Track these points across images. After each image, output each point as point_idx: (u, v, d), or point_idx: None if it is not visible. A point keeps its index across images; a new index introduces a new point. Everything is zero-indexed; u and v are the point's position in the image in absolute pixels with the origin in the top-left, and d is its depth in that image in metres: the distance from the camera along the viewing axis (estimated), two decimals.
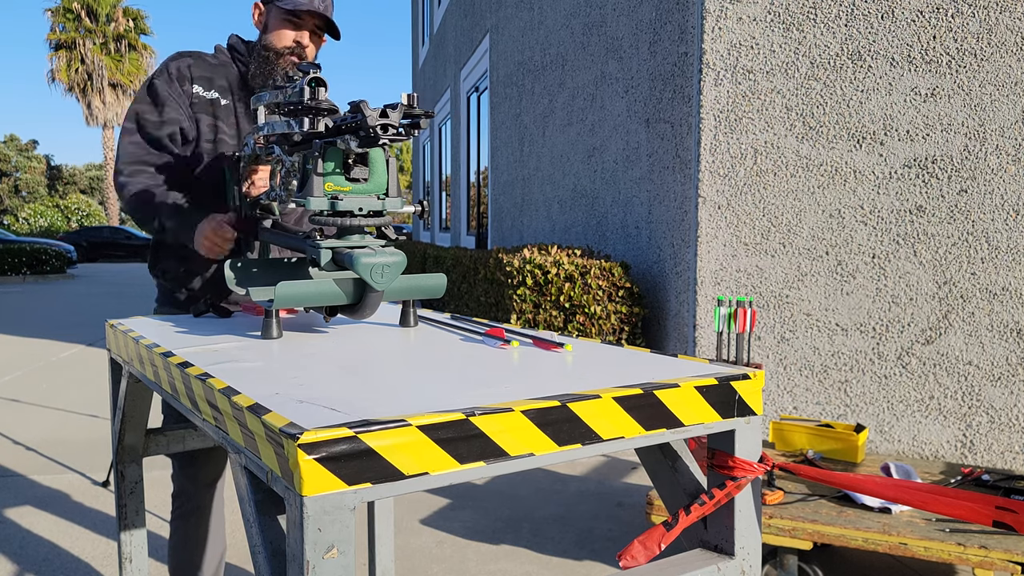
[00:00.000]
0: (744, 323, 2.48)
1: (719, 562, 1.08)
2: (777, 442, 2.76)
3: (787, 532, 2.15)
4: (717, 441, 1.10)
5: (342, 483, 0.77)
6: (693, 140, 3.70)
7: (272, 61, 1.91)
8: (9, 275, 17.35)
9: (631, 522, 3.04)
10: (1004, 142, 3.29)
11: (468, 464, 0.85)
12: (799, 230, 3.51)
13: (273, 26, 1.91)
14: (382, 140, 1.24)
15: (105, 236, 26.10)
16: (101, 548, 2.83)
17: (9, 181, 46.97)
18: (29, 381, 5.88)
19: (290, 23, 1.90)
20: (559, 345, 1.26)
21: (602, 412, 0.94)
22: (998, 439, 3.36)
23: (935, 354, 3.41)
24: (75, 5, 30.18)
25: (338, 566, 0.78)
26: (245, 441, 0.90)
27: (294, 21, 1.89)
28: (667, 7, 4.11)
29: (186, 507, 2.05)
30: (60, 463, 3.83)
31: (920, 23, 3.36)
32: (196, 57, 1.96)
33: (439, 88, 13.66)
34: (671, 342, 4.13)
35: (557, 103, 6.11)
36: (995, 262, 3.32)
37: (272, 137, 1.48)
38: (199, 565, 2.07)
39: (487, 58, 9.07)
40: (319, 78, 1.40)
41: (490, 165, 8.94)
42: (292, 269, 1.63)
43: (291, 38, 1.90)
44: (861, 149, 3.44)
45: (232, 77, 1.97)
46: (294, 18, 1.89)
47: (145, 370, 1.36)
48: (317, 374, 1.06)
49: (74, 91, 30.75)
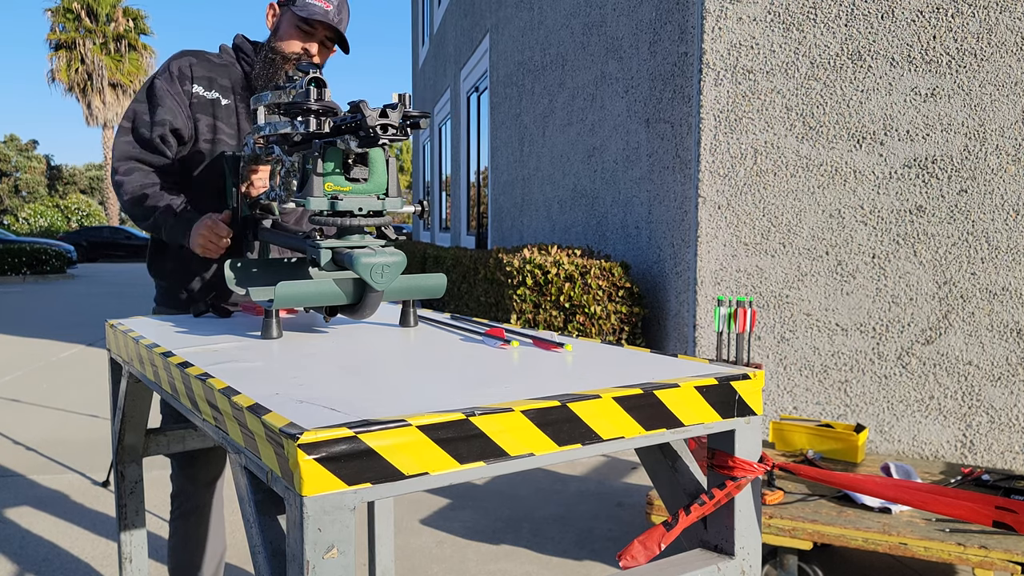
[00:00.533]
0: (744, 323, 2.48)
1: (719, 562, 1.08)
2: (777, 442, 2.76)
3: (787, 532, 2.15)
4: (717, 441, 1.10)
5: (342, 483, 0.77)
6: (693, 140, 3.70)
7: (278, 64, 1.91)
8: (9, 275, 17.35)
9: (631, 522, 3.04)
10: (1004, 142, 3.29)
11: (468, 464, 0.85)
12: (799, 230, 3.51)
13: (285, 31, 1.90)
14: (382, 140, 1.24)
15: (105, 236, 26.10)
16: (101, 548, 2.83)
17: (9, 181, 46.98)
18: (29, 381, 5.88)
19: (302, 31, 1.89)
20: (559, 345, 1.26)
21: (602, 412, 0.94)
22: (998, 439, 3.36)
23: (935, 354, 3.41)
24: (75, 5, 30.18)
25: (338, 566, 0.78)
26: (245, 441, 0.90)
27: (306, 30, 1.89)
28: (667, 7, 4.11)
29: (186, 507, 2.05)
30: (60, 463, 3.83)
31: (920, 23, 3.36)
32: (199, 56, 1.95)
33: (439, 88, 13.66)
34: (671, 342, 4.13)
35: (557, 103, 6.11)
36: (995, 262, 3.32)
37: (272, 137, 1.48)
38: (199, 565, 2.07)
39: (487, 58, 9.07)
40: (319, 78, 1.40)
41: (490, 165, 8.94)
42: (292, 269, 1.63)
43: (300, 46, 1.90)
44: (861, 149, 3.44)
45: (236, 77, 1.97)
46: (307, 27, 1.88)
47: (145, 370, 1.36)
48: (317, 374, 1.06)
49: (74, 91, 30.76)
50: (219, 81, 1.94)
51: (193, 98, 1.91)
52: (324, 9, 1.86)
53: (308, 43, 1.90)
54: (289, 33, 1.90)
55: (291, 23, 1.89)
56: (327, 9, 1.86)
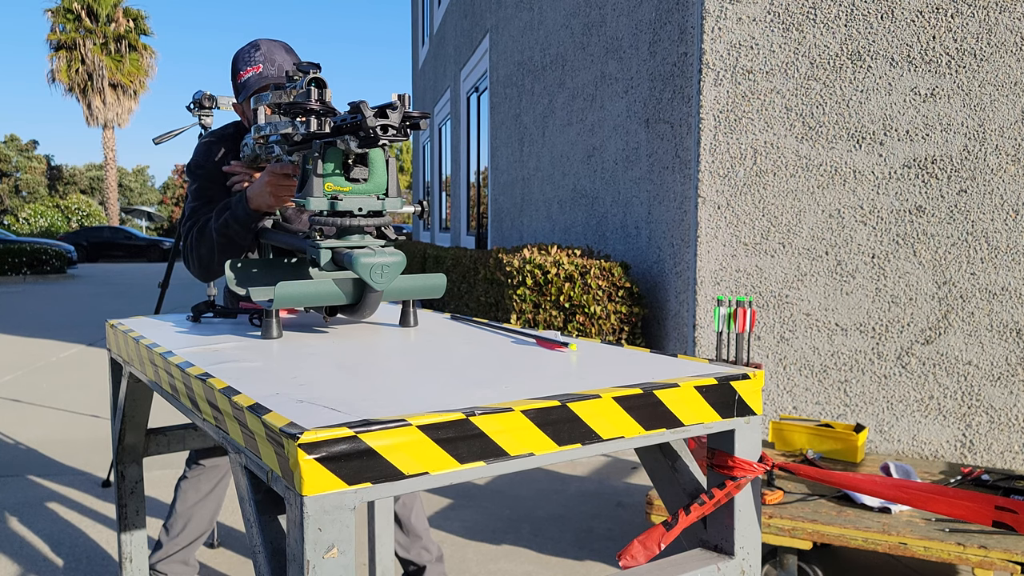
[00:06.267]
0: (744, 323, 2.47)
1: (719, 562, 1.08)
2: (777, 442, 2.76)
3: (787, 532, 2.15)
4: (717, 441, 1.10)
5: (342, 483, 0.78)
6: (693, 140, 3.70)
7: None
8: (9, 275, 17.35)
9: (631, 522, 3.04)
10: (1004, 142, 3.29)
11: (468, 464, 0.85)
12: (799, 230, 3.51)
13: (255, 111, 1.90)
14: (382, 140, 1.24)
15: (105, 236, 26.10)
16: (101, 548, 2.83)
17: (9, 181, 46.97)
18: (29, 381, 5.88)
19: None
20: (563, 345, 1.26)
21: (602, 412, 0.94)
22: (998, 439, 3.36)
23: (935, 354, 3.41)
24: (75, 5, 30.16)
25: (338, 566, 0.78)
26: (245, 441, 0.90)
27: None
28: (667, 7, 4.12)
29: (199, 466, 2.21)
30: (60, 463, 3.83)
31: (920, 23, 3.36)
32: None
33: (439, 88, 13.66)
34: (671, 342, 4.13)
35: (557, 103, 6.11)
36: (995, 262, 3.32)
37: (272, 137, 1.48)
38: (193, 516, 2.21)
39: (487, 58, 9.07)
40: (319, 79, 1.40)
41: (490, 165, 8.94)
42: (292, 269, 1.63)
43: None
44: (861, 149, 3.44)
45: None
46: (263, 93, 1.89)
47: (145, 370, 1.36)
48: (317, 374, 1.06)
49: (74, 91, 30.74)
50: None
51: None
52: (258, 75, 1.90)
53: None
54: (260, 109, 1.90)
55: (256, 102, 1.89)
56: (260, 73, 1.90)
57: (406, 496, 2.24)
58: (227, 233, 1.82)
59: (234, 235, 1.81)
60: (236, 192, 1.86)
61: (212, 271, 1.92)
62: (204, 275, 1.95)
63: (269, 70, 1.90)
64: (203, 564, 2.61)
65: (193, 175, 2.04)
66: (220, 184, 1.96)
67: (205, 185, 1.99)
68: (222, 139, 2.05)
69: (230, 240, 1.82)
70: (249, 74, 1.91)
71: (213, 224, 1.84)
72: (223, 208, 1.84)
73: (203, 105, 3.30)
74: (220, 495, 2.25)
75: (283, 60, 1.93)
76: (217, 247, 1.85)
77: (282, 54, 1.94)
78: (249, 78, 1.91)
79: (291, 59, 1.96)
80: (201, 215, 1.94)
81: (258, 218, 1.77)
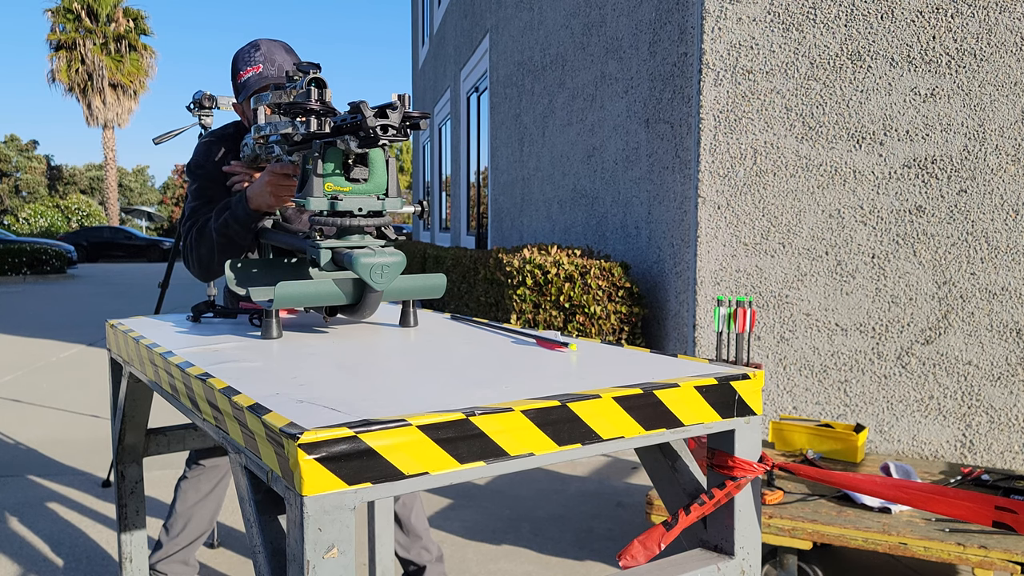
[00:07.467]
0: (744, 323, 2.47)
1: (719, 562, 1.08)
2: (777, 442, 2.76)
3: (787, 532, 2.15)
4: (717, 441, 1.10)
5: (342, 483, 0.78)
6: (693, 140, 3.70)
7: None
8: (9, 275, 17.35)
9: (631, 522, 3.04)
10: (1004, 142, 3.29)
11: (468, 464, 0.85)
12: (799, 230, 3.51)
13: (255, 111, 1.90)
14: (382, 140, 1.24)
15: (105, 236, 26.09)
16: (101, 548, 2.83)
17: (9, 181, 46.97)
18: (29, 381, 5.88)
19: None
20: (563, 345, 1.26)
21: (602, 412, 0.94)
22: (998, 439, 3.36)
23: (935, 354, 3.41)
24: (75, 5, 30.15)
25: (338, 566, 0.78)
26: (245, 441, 0.90)
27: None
28: (667, 7, 4.12)
29: (199, 466, 2.21)
30: (60, 463, 3.83)
31: (920, 23, 3.36)
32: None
33: (439, 88, 13.66)
34: (671, 342, 4.13)
35: (557, 103, 6.11)
36: (995, 262, 3.32)
37: (272, 137, 1.48)
38: (194, 516, 2.21)
39: (487, 58, 9.07)
40: (319, 79, 1.40)
41: (490, 165, 8.94)
42: (292, 269, 1.63)
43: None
44: (861, 149, 3.44)
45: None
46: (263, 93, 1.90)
47: (145, 370, 1.36)
48: (317, 374, 1.06)
49: (74, 91, 30.73)
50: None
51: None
52: (258, 75, 1.90)
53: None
54: (260, 109, 1.90)
55: (256, 102, 1.89)
56: (260, 73, 1.90)
57: (406, 496, 2.23)
58: (227, 233, 1.82)
59: (234, 235, 1.81)
60: (236, 192, 1.86)
61: (212, 271, 1.92)
62: (204, 275, 1.94)
63: (269, 70, 1.91)
64: (203, 564, 2.61)
65: (193, 175, 2.04)
66: (220, 184, 1.96)
67: (205, 185, 1.99)
68: (222, 139, 2.05)
69: (230, 240, 1.82)
70: (249, 74, 1.91)
71: (213, 224, 1.84)
72: (223, 208, 1.83)
73: (203, 105, 3.30)
74: (220, 495, 2.25)
75: (283, 60, 1.94)
76: (217, 247, 1.85)
77: (282, 54, 1.95)
78: (249, 78, 1.91)
79: (291, 59, 1.96)
80: (201, 215, 1.94)
81: (258, 218, 1.76)
